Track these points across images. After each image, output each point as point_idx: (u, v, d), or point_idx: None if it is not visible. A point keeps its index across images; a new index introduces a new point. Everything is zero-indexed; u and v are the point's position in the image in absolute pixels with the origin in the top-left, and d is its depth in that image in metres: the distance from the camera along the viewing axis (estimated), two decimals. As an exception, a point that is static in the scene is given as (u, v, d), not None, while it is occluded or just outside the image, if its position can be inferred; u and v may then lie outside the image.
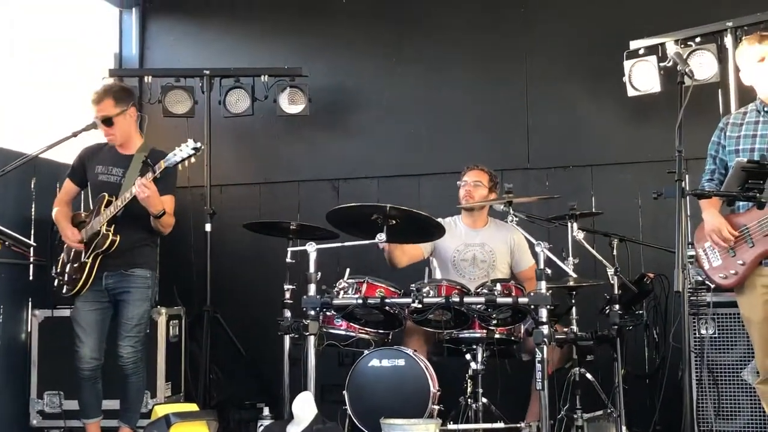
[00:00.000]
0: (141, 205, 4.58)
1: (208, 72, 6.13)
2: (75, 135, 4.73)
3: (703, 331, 4.41)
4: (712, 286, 4.17)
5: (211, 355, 5.69)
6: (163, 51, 6.84)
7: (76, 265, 4.76)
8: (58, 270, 4.88)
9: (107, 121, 4.73)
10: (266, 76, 6.10)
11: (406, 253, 5.11)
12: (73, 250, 4.81)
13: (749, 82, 4.09)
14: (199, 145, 4.51)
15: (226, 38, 6.73)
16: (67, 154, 5.25)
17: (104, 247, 4.64)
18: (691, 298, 4.30)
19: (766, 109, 4.02)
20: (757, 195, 3.59)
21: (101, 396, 4.84)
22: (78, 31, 6.56)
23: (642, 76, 5.47)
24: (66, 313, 5.11)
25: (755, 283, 3.91)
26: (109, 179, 4.80)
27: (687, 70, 3.67)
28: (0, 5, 5.70)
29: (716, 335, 4.43)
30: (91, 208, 4.81)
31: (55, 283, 4.89)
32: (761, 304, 3.90)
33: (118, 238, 4.64)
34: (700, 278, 4.30)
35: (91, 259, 4.67)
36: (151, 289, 4.83)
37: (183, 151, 4.50)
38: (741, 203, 3.96)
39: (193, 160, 4.56)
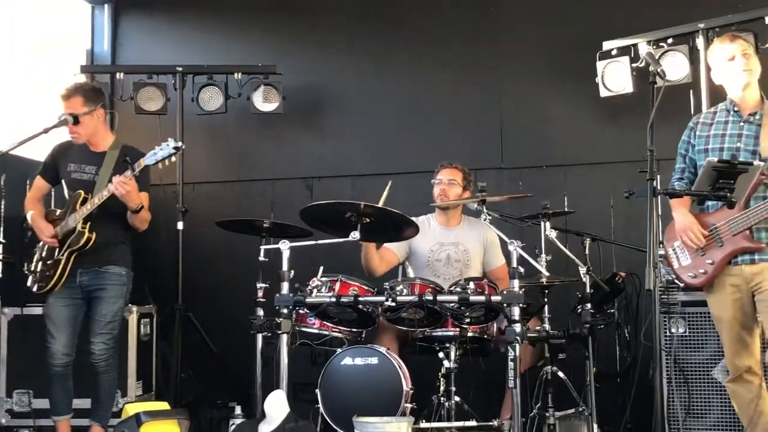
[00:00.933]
0: (117, 203, 4.56)
1: (180, 69, 6.09)
2: (46, 131, 4.68)
3: (673, 330, 4.45)
4: (682, 285, 4.21)
5: (182, 353, 5.66)
6: (135, 47, 6.80)
7: (50, 262, 4.71)
8: (32, 267, 4.82)
9: (74, 119, 4.69)
10: (240, 74, 6.09)
11: (384, 260, 5.10)
12: (47, 246, 4.76)
13: (719, 82, 4.13)
14: (180, 144, 4.50)
15: (199, 35, 6.69)
16: (37, 151, 5.20)
17: (79, 245, 4.60)
18: (662, 297, 4.33)
19: (735, 108, 4.06)
20: (728, 194, 3.63)
21: (72, 393, 4.79)
22: (49, 27, 6.50)
23: (615, 77, 5.52)
24: (36, 311, 5.08)
25: (724, 282, 3.95)
26: (82, 177, 4.76)
27: (659, 70, 3.70)
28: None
29: (687, 334, 4.47)
30: (66, 205, 4.76)
31: (29, 280, 4.82)
32: (731, 303, 3.94)
33: (93, 236, 4.60)
34: (671, 278, 4.34)
35: (65, 256, 4.63)
36: (125, 287, 4.80)
37: (163, 150, 4.48)
38: (711, 203, 4.00)
39: (173, 159, 4.54)
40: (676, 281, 4.25)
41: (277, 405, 3.85)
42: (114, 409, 4.90)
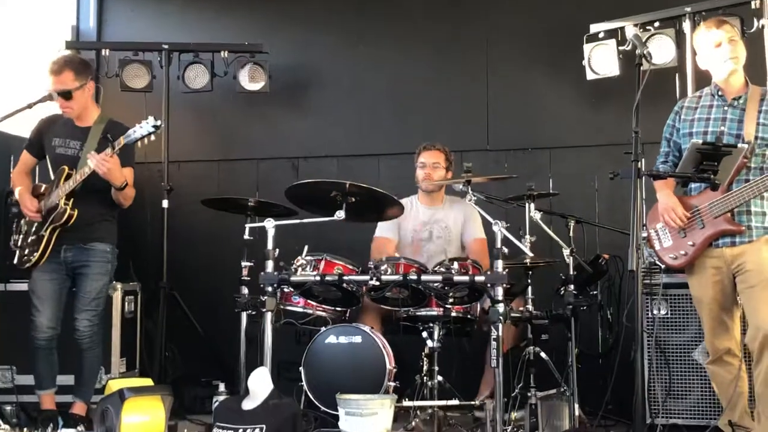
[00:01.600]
0: (100, 179, 4.54)
1: (166, 46, 6.05)
2: (30, 107, 4.65)
3: (655, 312, 4.48)
4: (663, 266, 4.25)
5: (167, 332, 5.65)
6: (121, 24, 6.74)
7: (33, 237, 4.70)
8: (18, 243, 4.80)
9: (66, 95, 4.64)
10: (226, 52, 6.05)
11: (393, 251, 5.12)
12: (32, 222, 4.75)
13: (705, 67, 4.15)
14: (159, 123, 4.48)
15: (185, 12, 6.64)
16: (21, 127, 5.16)
17: (62, 221, 4.59)
18: (645, 279, 4.36)
19: (720, 93, 4.08)
20: (712, 176, 3.66)
21: (56, 367, 4.79)
22: (34, 2, 6.43)
23: (601, 60, 5.52)
24: (20, 287, 5.07)
25: (705, 264, 3.98)
26: (67, 152, 4.74)
27: (645, 52, 3.71)
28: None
29: (668, 316, 4.51)
30: (52, 180, 4.74)
31: (16, 255, 4.79)
32: (711, 285, 3.98)
33: (75, 213, 4.59)
34: (653, 260, 4.37)
35: (48, 232, 4.62)
36: (110, 264, 4.79)
37: (143, 128, 4.47)
38: (693, 186, 4.03)
39: (152, 138, 4.52)
40: (657, 263, 4.28)
41: (260, 381, 3.86)
42: (97, 386, 4.91)
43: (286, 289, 4.66)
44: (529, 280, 4.71)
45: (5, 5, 6.10)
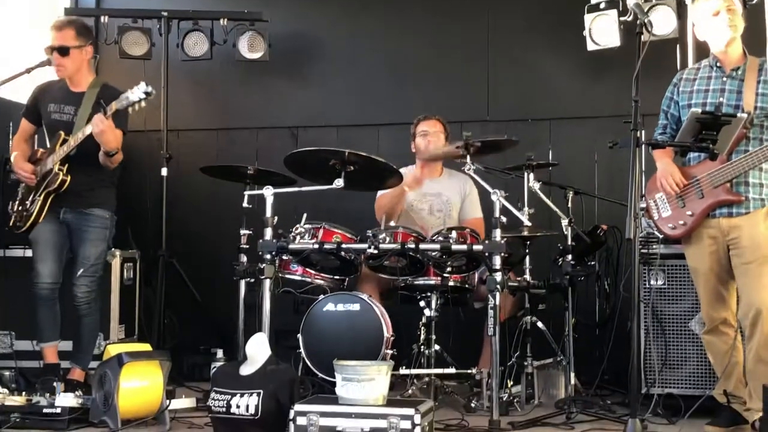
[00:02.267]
0: (96, 145, 4.53)
1: (165, 14, 6.02)
2: (28, 71, 4.66)
3: (653, 282, 4.49)
4: (661, 236, 4.25)
5: (165, 299, 5.67)
6: (120, -9, 6.70)
7: (27, 202, 4.71)
8: (15, 208, 4.80)
9: (63, 51, 4.64)
10: (225, 20, 6.02)
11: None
12: (27, 187, 4.75)
13: (702, 37, 4.12)
14: (150, 89, 4.45)
15: (184, -21, 6.60)
16: (20, 93, 5.16)
17: (55, 186, 4.59)
18: (642, 250, 4.36)
19: (718, 64, 4.06)
20: (710, 146, 3.65)
21: (59, 319, 4.80)
22: (33, -32, 6.40)
23: (602, 31, 5.50)
24: (19, 252, 5.10)
25: (702, 234, 3.99)
26: (62, 117, 4.73)
27: (646, 21, 3.70)
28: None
29: (665, 286, 4.51)
30: (48, 146, 4.74)
31: (11, 221, 4.80)
32: (708, 255, 3.98)
33: (68, 178, 4.59)
34: (651, 230, 4.37)
35: (41, 197, 4.62)
36: (108, 230, 4.80)
37: (134, 93, 4.45)
38: (692, 155, 4.02)
39: (143, 104, 4.50)
40: (655, 233, 4.28)
41: (258, 347, 3.87)
42: (95, 352, 4.93)
43: (284, 257, 4.66)
44: (527, 250, 4.72)
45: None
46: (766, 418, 3.58)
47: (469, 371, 4.53)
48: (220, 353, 4.78)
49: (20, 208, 4.76)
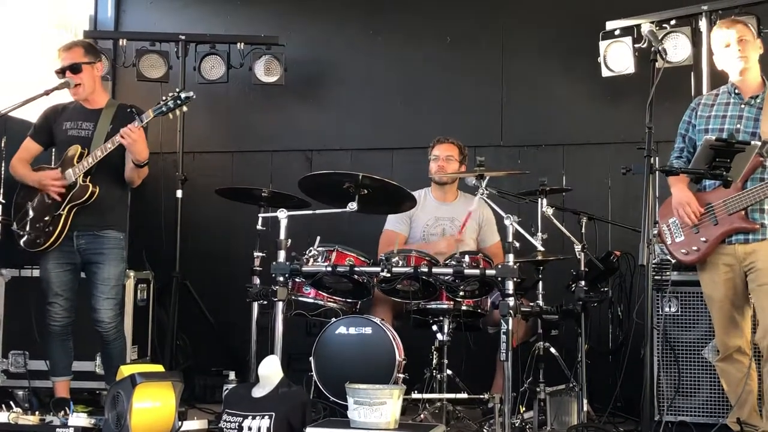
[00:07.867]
0: (116, 160, 4.55)
1: (183, 37, 6.09)
2: (47, 93, 4.66)
3: (666, 309, 4.48)
4: (674, 261, 4.24)
5: (178, 321, 5.69)
6: (138, 14, 6.77)
7: (47, 218, 4.59)
8: (26, 227, 4.66)
9: (75, 68, 4.64)
10: (242, 44, 6.08)
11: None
12: (39, 202, 4.65)
13: (721, 66, 4.16)
14: (191, 93, 4.51)
15: (202, 4, 6.67)
16: (38, 114, 5.18)
17: (83, 198, 4.53)
18: (656, 276, 4.35)
19: (736, 91, 4.08)
20: (724, 173, 3.65)
21: (72, 354, 4.78)
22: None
23: (617, 57, 5.51)
24: (34, 272, 5.07)
25: (717, 261, 3.98)
26: (80, 134, 4.69)
27: (660, 48, 3.71)
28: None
29: (679, 313, 4.50)
30: (59, 162, 4.70)
31: (23, 239, 4.68)
32: (723, 283, 3.97)
33: (97, 189, 4.55)
34: (665, 256, 4.36)
35: (66, 210, 4.54)
36: (124, 250, 4.77)
37: (173, 100, 4.48)
38: (707, 182, 4.02)
39: (185, 108, 4.54)
40: (668, 258, 4.27)
41: (271, 369, 3.87)
42: (107, 372, 4.92)
43: (297, 280, 4.66)
44: (540, 275, 4.71)
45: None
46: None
47: (481, 396, 4.51)
48: (232, 375, 4.77)
49: (38, 225, 4.62)
